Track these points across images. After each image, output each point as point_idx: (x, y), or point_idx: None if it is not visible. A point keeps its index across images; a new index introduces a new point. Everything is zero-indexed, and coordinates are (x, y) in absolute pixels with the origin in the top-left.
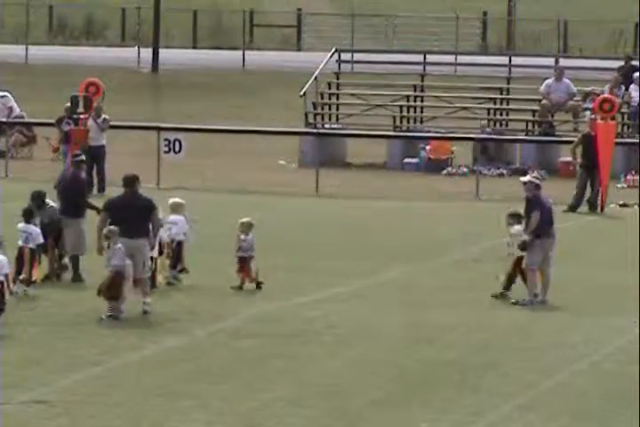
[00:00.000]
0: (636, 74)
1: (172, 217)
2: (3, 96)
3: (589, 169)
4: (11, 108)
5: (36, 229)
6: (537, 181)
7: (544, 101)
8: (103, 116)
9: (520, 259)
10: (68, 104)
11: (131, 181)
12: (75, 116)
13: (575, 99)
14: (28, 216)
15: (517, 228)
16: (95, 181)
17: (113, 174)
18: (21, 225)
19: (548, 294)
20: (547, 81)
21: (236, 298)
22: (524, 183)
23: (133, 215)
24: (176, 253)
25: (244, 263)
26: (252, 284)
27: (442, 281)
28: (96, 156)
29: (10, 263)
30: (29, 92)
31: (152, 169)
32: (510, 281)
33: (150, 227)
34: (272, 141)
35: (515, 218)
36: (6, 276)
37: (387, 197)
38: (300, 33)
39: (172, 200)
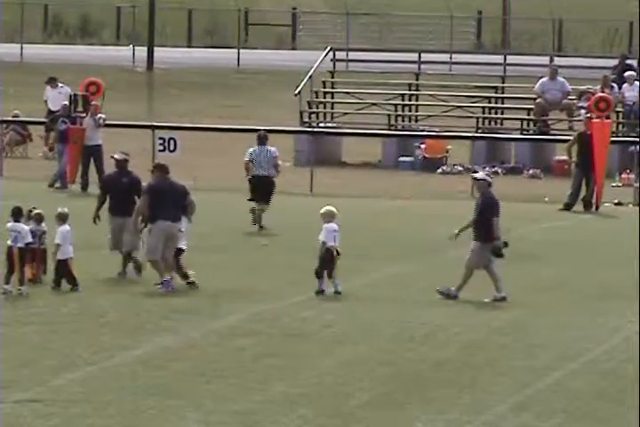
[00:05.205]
0: (627, 73)
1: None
2: (62, 86)
3: (585, 168)
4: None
5: (24, 228)
6: (490, 179)
7: (539, 100)
8: (99, 115)
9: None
10: (66, 103)
11: (164, 168)
12: (73, 115)
13: (570, 97)
14: (16, 215)
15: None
16: (90, 180)
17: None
18: (10, 224)
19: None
20: (541, 80)
21: (230, 297)
22: (477, 180)
23: (173, 200)
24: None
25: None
26: None
27: (437, 280)
28: (94, 155)
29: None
30: (24, 91)
31: (147, 168)
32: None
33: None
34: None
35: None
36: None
37: (382, 196)
38: (295, 32)
39: (326, 209)
